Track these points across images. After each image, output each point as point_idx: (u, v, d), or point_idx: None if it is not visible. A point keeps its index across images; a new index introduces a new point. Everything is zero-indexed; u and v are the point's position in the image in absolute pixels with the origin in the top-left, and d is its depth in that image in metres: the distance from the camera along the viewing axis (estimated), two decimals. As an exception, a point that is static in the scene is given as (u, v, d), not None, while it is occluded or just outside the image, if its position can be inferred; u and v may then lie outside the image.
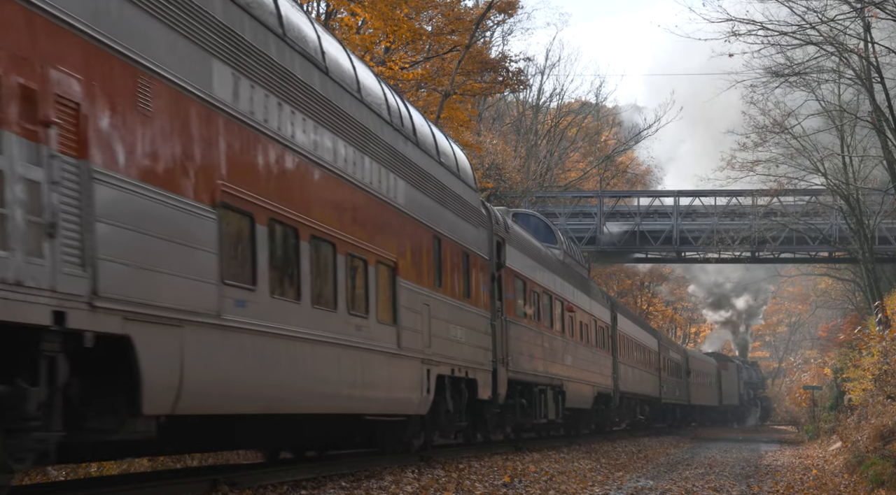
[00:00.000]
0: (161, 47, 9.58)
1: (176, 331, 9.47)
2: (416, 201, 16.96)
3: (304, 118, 12.64)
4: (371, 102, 15.33)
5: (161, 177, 9.41)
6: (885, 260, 44.41)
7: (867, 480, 15.87)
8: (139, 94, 9.17)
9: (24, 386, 7.69)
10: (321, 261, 12.95)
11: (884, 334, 27.10)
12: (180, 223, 9.66)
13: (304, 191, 12.60)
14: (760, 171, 36.18)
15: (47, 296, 7.72)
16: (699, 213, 49.36)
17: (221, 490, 11.19)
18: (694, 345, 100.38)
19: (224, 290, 10.31)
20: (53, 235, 7.79)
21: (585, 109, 65.38)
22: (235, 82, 10.94)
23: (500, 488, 14.02)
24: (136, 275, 8.91)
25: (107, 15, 8.79)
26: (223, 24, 10.73)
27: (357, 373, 13.95)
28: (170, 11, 9.70)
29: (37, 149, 7.71)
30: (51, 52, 8.03)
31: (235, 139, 10.88)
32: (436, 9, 34.25)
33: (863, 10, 25.50)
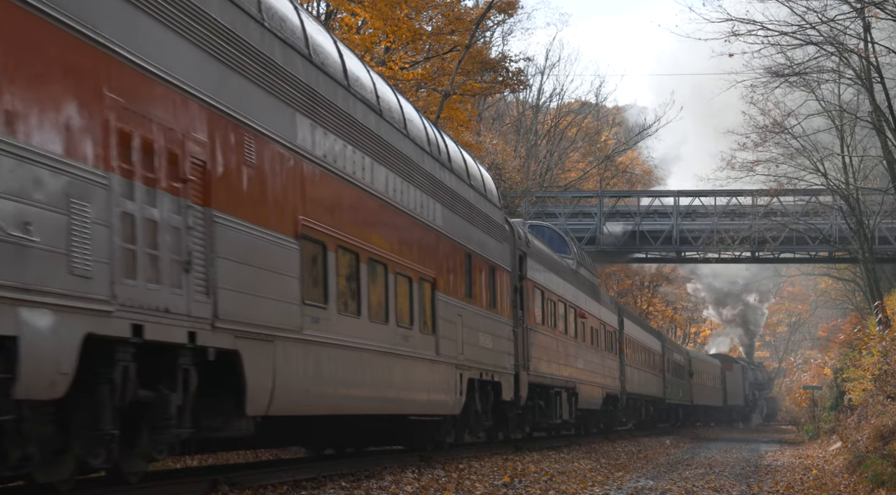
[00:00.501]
0: (260, 108, 11.53)
1: (270, 346, 11.34)
2: (450, 222, 18.90)
3: (362, 156, 14.62)
4: (414, 136, 17.35)
5: (259, 216, 11.33)
6: (885, 260, 44.39)
7: (867, 480, 15.86)
8: (245, 149, 11.12)
9: (166, 392, 9.52)
10: (376, 280, 14.92)
11: (884, 334, 27.09)
12: (273, 254, 11.61)
13: (363, 220, 14.59)
14: (760, 171, 36.19)
15: (184, 320, 9.64)
16: (699, 213, 49.35)
17: (221, 490, 11.20)
18: (694, 345, 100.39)
19: (304, 309, 12.23)
20: (188, 270, 9.72)
21: (585, 109, 65.40)
22: (312, 131, 12.90)
23: (500, 488, 14.02)
24: (242, 299, 10.82)
25: (225, 87, 10.78)
26: (304, 82, 12.74)
27: (404, 379, 15.94)
28: (266, 77, 11.69)
29: (177, 201, 9.63)
30: (187, 122, 9.94)
31: (312, 178, 12.80)
32: (436, 9, 34.26)
33: (863, 10, 25.49)
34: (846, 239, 39.89)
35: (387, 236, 15.53)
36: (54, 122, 8.07)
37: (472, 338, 19.62)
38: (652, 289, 77.49)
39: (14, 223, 7.48)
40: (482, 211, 21.35)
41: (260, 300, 11.20)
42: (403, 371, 15.89)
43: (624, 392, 39.38)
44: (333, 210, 13.45)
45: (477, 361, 19.75)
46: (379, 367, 14.85)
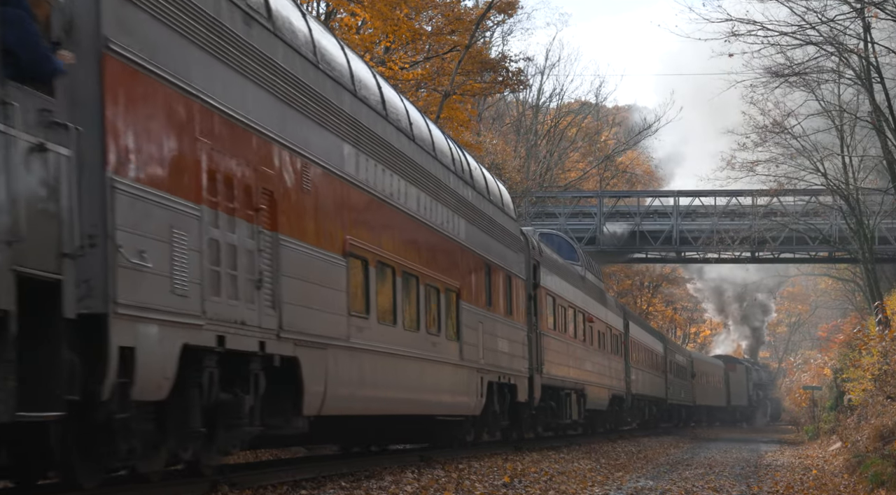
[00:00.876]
0: (314, 140, 12.98)
1: (322, 353, 12.75)
2: (472, 235, 20.43)
3: (397, 178, 16.11)
4: (442, 157, 18.93)
5: (315, 236, 12.77)
6: (885, 260, 44.40)
7: (867, 480, 15.87)
8: (303, 178, 12.57)
9: (240, 394, 10.90)
10: (409, 291, 16.39)
11: (884, 334, 27.08)
12: (325, 271, 13.04)
13: (398, 236, 16.05)
14: (760, 171, 36.20)
15: (256, 331, 11.08)
16: (699, 213, 49.36)
17: (221, 490, 11.20)
18: (695, 345, 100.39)
19: (350, 320, 13.68)
20: (259, 288, 11.18)
21: (585, 109, 65.39)
22: (356, 158, 14.42)
23: (500, 488, 14.02)
24: (301, 312, 12.19)
25: (287, 124, 12.19)
26: (350, 115, 14.27)
27: (432, 382, 17.47)
28: (320, 112, 13.22)
29: (251, 227, 11.08)
30: (259, 156, 11.43)
31: (356, 201, 14.34)
32: (436, 9, 34.25)
33: (863, 11, 25.50)
34: (846, 239, 39.89)
35: (418, 251, 17.06)
36: (161, 164, 9.56)
37: (492, 343, 21.08)
38: (652, 290, 77.47)
39: (133, 252, 8.87)
40: (500, 224, 22.93)
41: (314, 312, 12.65)
42: (432, 375, 17.46)
43: (629, 393, 40.63)
44: (373, 228, 15.00)
45: (496, 365, 21.21)
46: (411, 372, 16.40)
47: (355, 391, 13.94)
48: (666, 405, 53.24)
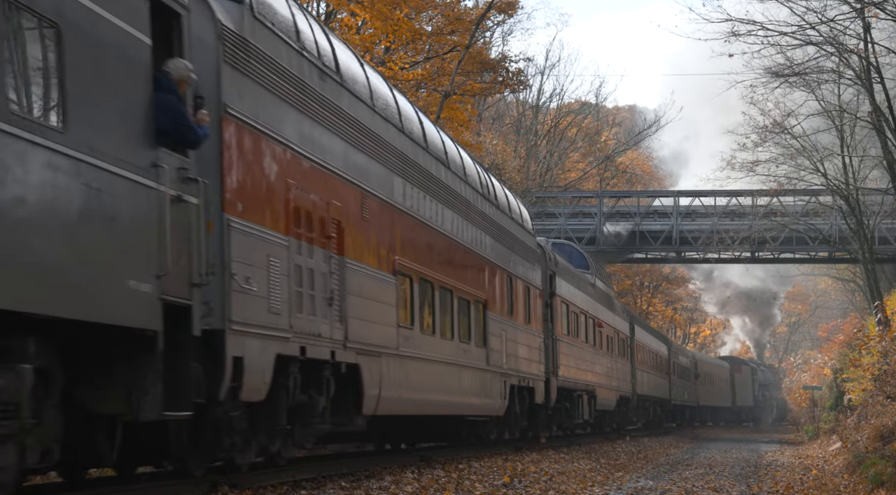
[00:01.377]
0: (371, 174, 14.96)
1: (378, 360, 14.68)
2: (497, 251, 22.42)
3: (435, 202, 18.11)
4: (471, 181, 20.91)
5: (371, 258, 14.71)
6: (885, 260, 44.38)
7: (867, 480, 15.87)
8: (362, 207, 14.52)
9: (315, 396, 12.77)
10: (445, 304, 18.33)
11: (884, 334, 27.08)
12: (379, 288, 14.98)
13: (436, 254, 18.01)
14: (760, 171, 36.20)
15: (328, 342, 12.98)
16: (699, 214, 49.36)
17: (221, 490, 11.20)
18: (694, 345, 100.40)
19: (399, 331, 15.64)
20: (331, 305, 13.08)
21: (585, 110, 65.39)
22: (403, 187, 16.38)
23: (500, 488, 14.03)
24: (362, 324, 14.08)
25: (350, 161, 14.15)
26: (399, 150, 16.33)
27: (464, 385, 19.31)
28: (375, 149, 15.22)
29: (325, 253, 13.03)
30: (330, 192, 13.39)
31: (403, 225, 16.27)
32: (436, 9, 34.25)
33: (863, 11, 25.49)
34: (846, 239, 39.89)
35: (452, 267, 19.03)
36: (261, 204, 11.48)
37: (514, 349, 23.05)
38: (652, 290, 77.49)
39: (242, 278, 10.82)
40: (520, 239, 24.92)
41: (372, 324, 14.59)
42: (464, 379, 19.31)
43: (635, 394, 42.40)
44: (416, 248, 16.97)
45: (517, 369, 23.18)
46: (447, 376, 18.33)
47: (403, 394, 15.86)
48: (670, 405, 54.43)
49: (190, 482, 11.36)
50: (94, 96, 8.52)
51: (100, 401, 9.19)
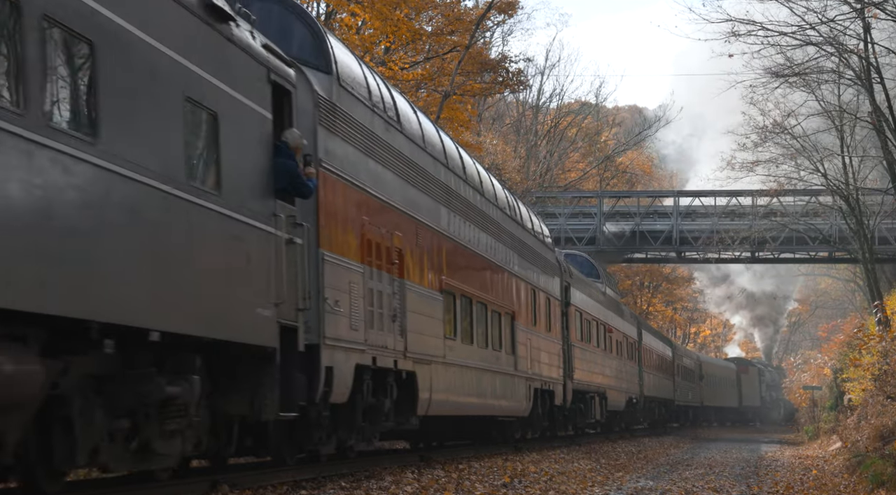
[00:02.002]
0: (423, 206, 17.42)
1: (428, 367, 16.98)
2: (523, 267, 24.89)
3: (473, 227, 20.54)
4: (501, 205, 23.43)
5: (424, 280, 17.12)
6: (885, 260, 44.36)
7: (867, 480, 15.87)
8: (417, 236, 16.98)
9: (382, 399, 15.11)
10: (481, 317, 20.67)
11: (884, 334, 27.06)
12: (430, 305, 17.37)
13: (473, 273, 20.49)
14: (760, 171, 36.19)
15: (392, 353, 15.34)
16: (699, 214, 49.35)
17: (221, 490, 11.20)
18: (694, 345, 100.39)
19: (445, 342, 18.02)
20: (394, 321, 15.46)
21: (585, 110, 65.37)
22: (448, 216, 18.92)
23: (500, 488, 14.03)
24: (417, 337, 16.45)
25: (407, 196, 16.63)
26: (444, 184, 18.81)
27: (497, 389, 21.59)
28: (426, 185, 17.70)
29: (389, 278, 15.45)
30: (393, 225, 15.82)
31: (447, 248, 18.63)
32: (436, 9, 34.24)
33: (863, 11, 25.48)
34: (846, 239, 39.87)
35: (486, 283, 21.51)
36: (345, 238, 13.90)
37: (537, 355, 25.34)
38: (652, 290, 77.48)
39: (332, 302, 13.17)
40: (541, 254, 27.44)
41: (425, 337, 16.92)
42: (496, 383, 21.62)
43: (642, 395, 44.32)
44: (458, 268, 19.30)
45: (539, 374, 25.46)
46: (483, 381, 20.58)
47: (448, 397, 18.20)
48: (674, 406, 56.06)
49: (190, 482, 11.37)
50: (239, 165, 11.00)
51: (227, 404, 11.29)
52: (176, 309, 9.71)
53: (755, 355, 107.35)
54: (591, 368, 33.29)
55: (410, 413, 16.32)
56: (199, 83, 10.27)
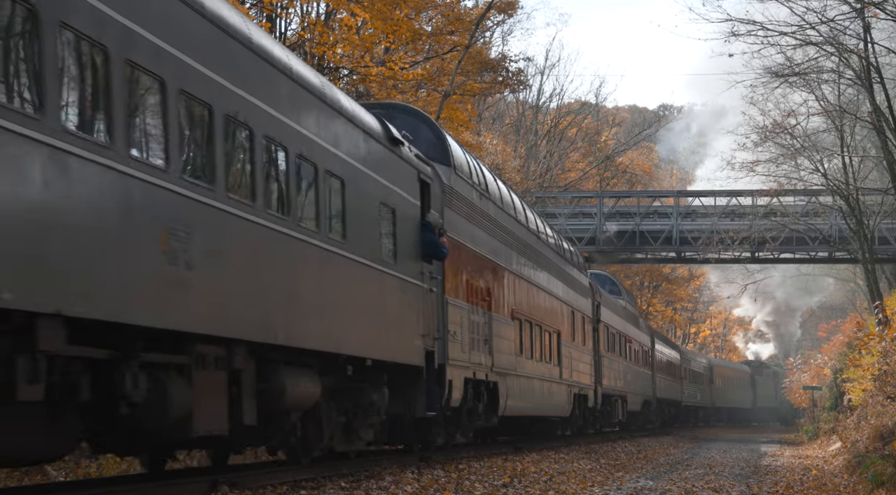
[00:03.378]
0: (501, 253, 22.49)
1: (505, 378, 21.94)
2: (565, 292, 29.90)
3: (531, 264, 25.68)
4: (551, 244, 29.03)
5: (502, 309, 22.12)
6: (885, 260, 44.36)
7: (867, 480, 15.86)
8: (497, 276, 21.85)
9: (476, 403, 19.72)
10: (537, 336, 25.64)
11: (884, 334, 27.05)
12: (507, 329, 22.48)
13: (533, 301, 25.59)
14: (760, 171, 36.17)
15: (484, 368, 20.11)
16: (699, 214, 49.34)
17: (221, 490, 11.20)
18: (694, 345, 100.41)
19: (516, 358, 23.05)
20: (486, 343, 20.32)
21: (585, 109, 65.37)
22: (517, 259, 24.04)
23: (500, 488, 14.02)
24: (499, 355, 21.34)
25: (492, 248, 21.67)
26: (515, 233, 24.07)
27: (549, 394, 26.94)
28: (504, 237, 22.80)
29: (482, 311, 20.34)
30: (483, 271, 20.76)
31: (517, 284, 23.76)
32: (436, 9, 34.24)
33: (863, 11, 25.47)
34: (846, 239, 39.85)
35: (541, 308, 26.51)
36: (458, 286, 18.92)
37: (576, 366, 30.47)
38: (652, 290, 77.48)
39: (452, 332, 18.10)
40: (578, 281, 32.57)
41: (503, 355, 21.87)
42: (548, 390, 26.90)
43: (654, 397, 49.12)
44: (523, 299, 24.36)
45: (577, 382, 30.60)
46: (539, 388, 25.84)
47: (518, 402, 23.11)
48: (681, 406, 60.63)
49: (190, 482, 11.37)
50: (404, 241, 16.21)
51: (392, 406, 16.14)
52: (379, 342, 15.15)
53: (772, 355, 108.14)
54: (616, 375, 38.39)
55: (493, 414, 21.27)
56: (387, 191, 15.62)
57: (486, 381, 20.44)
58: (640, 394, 44.10)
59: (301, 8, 31.19)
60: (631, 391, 41.31)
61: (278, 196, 12.03)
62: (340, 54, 29.13)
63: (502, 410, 21.52)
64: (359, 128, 14.64)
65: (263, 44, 11.87)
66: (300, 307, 12.42)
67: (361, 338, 14.32)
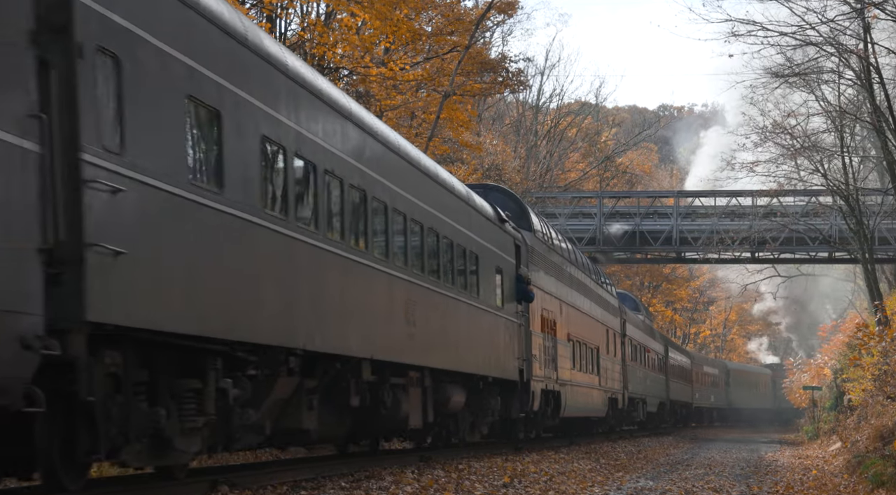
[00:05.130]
0: (564, 291, 29.57)
1: (565, 388, 28.14)
2: (601, 314, 36.67)
3: (581, 295, 32.23)
4: (591, 275, 35.17)
5: (562, 334, 28.55)
6: (885, 260, 44.35)
7: (867, 480, 15.86)
8: (559, 308, 28.78)
9: (546, 408, 26.53)
10: (583, 353, 31.84)
11: (884, 334, 27.05)
12: (565, 350, 28.69)
13: (581, 323, 31.73)
14: (760, 172, 36.16)
15: (552, 381, 26.96)
16: (699, 214, 49.34)
17: (221, 490, 11.20)
18: (694, 345, 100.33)
19: (571, 371, 29.15)
20: (553, 361, 27.25)
21: (585, 110, 65.37)
22: (570, 292, 30.35)
23: (500, 488, 14.02)
24: (561, 370, 28.01)
25: (555, 288, 28.71)
26: (573, 275, 31.04)
27: (592, 399, 33.26)
28: (563, 277, 29.55)
29: (551, 337, 27.36)
30: (551, 305, 27.79)
31: (570, 312, 30.19)
32: (435, 9, 34.24)
33: (863, 11, 25.46)
34: (846, 239, 39.84)
35: (586, 329, 32.99)
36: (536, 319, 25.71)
37: (610, 374, 36.74)
38: (652, 290, 77.45)
39: (533, 355, 24.83)
40: (610, 303, 39.28)
41: (563, 370, 28.03)
42: (592, 396, 33.28)
43: (668, 400, 54.47)
44: (574, 323, 30.75)
45: (611, 388, 36.90)
46: (586, 395, 32.12)
47: (573, 406, 29.36)
48: (692, 408, 65.65)
49: (190, 482, 11.37)
50: (506, 291, 22.83)
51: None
52: (495, 365, 21.74)
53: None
54: (638, 381, 44.47)
55: (557, 416, 27.74)
56: (498, 257, 22.48)
57: (554, 391, 27.20)
58: (657, 397, 50.43)
59: (301, 8, 31.20)
60: (650, 394, 47.64)
61: (454, 274, 19.26)
62: (340, 55, 29.13)
63: (563, 412, 28.20)
64: (482, 216, 21.67)
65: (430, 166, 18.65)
66: (457, 343, 19.28)
67: (486, 362, 21.21)
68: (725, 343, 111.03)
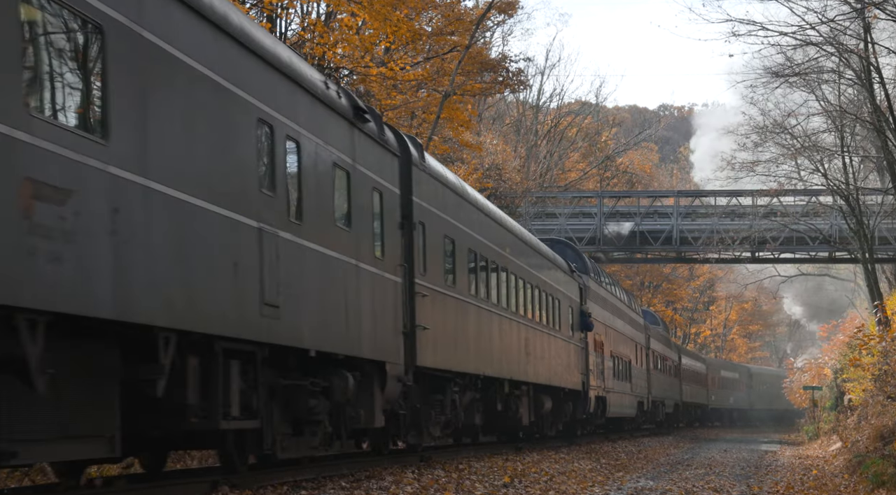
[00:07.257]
0: (608, 318, 37.78)
1: (608, 394, 35.76)
2: (632, 332, 43.27)
3: (618, 319, 40.36)
4: (625, 300, 42.68)
5: (607, 351, 36.53)
6: (885, 260, 44.36)
7: (867, 480, 15.86)
8: (605, 332, 36.48)
9: (597, 410, 34.83)
10: (620, 364, 39.47)
11: (884, 334, 27.05)
12: (610, 363, 37.08)
13: (619, 341, 39.88)
14: (761, 171, 36.17)
15: (601, 388, 34.64)
16: (699, 213, 49.35)
17: (221, 490, 11.20)
18: (693, 345, 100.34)
19: (613, 380, 37.25)
20: (602, 373, 34.89)
21: (585, 110, 65.36)
22: (612, 318, 38.79)
23: (500, 488, 14.02)
24: (606, 380, 35.97)
25: (603, 317, 36.71)
26: (612, 303, 39.23)
27: (626, 403, 40.40)
28: (612, 308, 39.03)
29: (599, 354, 34.96)
30: (601, 329, 35.58)
31: (612, 334, 38.51)
32: (436, 9, 34.21)
33: (863, 11, 25.46)
34: (846, 239, 39.85)
35: (623, 346, 40.36)
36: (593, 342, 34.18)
37: (638, 382, 43.72)
38: (652, 290, 77.45)
39: (591, 369, 32.70)
40: (638, 322, 46.46)
41: (608, 379, 35.70)
42: (626, 400, 40.10)
43: (682, 401, 60.18)
44: (614, 341, 37.98)
45: (639, 393, 43.73)
46: (621, 399, 38.57)
47: (614, 409, 36.64)
48: (707, 409, 72.10)
49: (190, 482, 11.37)
50: (574, 321, 31.41)
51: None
52: (568, 378, 29.36)
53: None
54: (659, 386, 50.68)
55: (603, 416, 34.64)
56: (570, 298, 30.66)
57: (602, 397, 33.99)
58: (673, 399, 56.86)
59: (301, 8, 31.19)
60: (667, 397, 54.07)
61: (546, 315, 27.39)
62: (341, 54, 29.12)
63: (608, 414, 35.33)
64: (560, 269, 29.73)
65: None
66: (549, 364, 27.09)
67: (564, 378, 28.79)
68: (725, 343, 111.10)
